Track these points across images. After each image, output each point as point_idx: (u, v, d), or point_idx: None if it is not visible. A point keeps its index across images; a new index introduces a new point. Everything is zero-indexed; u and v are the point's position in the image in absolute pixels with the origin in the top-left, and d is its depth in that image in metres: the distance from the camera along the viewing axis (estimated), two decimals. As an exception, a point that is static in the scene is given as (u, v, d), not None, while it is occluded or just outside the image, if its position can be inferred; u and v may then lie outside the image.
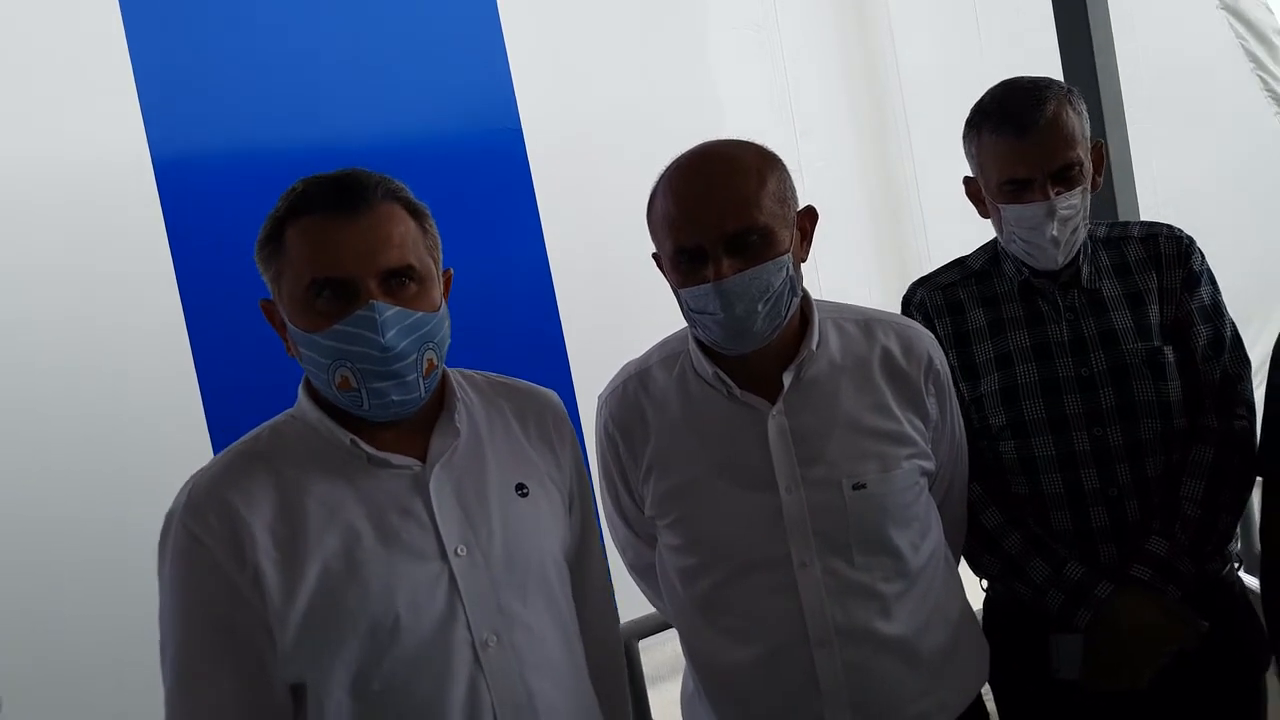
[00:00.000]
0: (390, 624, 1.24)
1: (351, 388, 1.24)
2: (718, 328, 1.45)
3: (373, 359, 1.22)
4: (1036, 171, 1.66)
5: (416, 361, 1.25)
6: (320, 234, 1.23)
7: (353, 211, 1.24)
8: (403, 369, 1.24)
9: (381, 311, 1.21)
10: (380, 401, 1.25)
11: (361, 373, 1.23)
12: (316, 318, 1.23)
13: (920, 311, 1.82)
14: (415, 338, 1.25)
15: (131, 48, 2.48)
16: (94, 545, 2.33)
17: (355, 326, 1.21)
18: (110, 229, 2.44)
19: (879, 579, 1.48)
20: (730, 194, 1.42)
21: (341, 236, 1.23)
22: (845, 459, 1.48)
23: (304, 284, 1.24)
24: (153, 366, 2.47)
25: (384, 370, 1.23)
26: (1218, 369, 1.71)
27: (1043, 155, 1.65)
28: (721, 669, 1.54)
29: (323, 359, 1.24)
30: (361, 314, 1.21)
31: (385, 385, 1.24)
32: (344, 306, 1.22)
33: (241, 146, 2.62)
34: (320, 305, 1.23)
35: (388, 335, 1.21)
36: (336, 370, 1.24)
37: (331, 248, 1.23)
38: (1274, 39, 3.48)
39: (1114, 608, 1.62)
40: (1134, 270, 1.75)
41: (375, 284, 1.23)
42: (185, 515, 1.25)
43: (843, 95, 3.88)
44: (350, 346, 1.22)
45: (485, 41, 3.01)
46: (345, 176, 1.27)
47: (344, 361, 1.23)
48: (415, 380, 1.26)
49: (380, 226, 1.25)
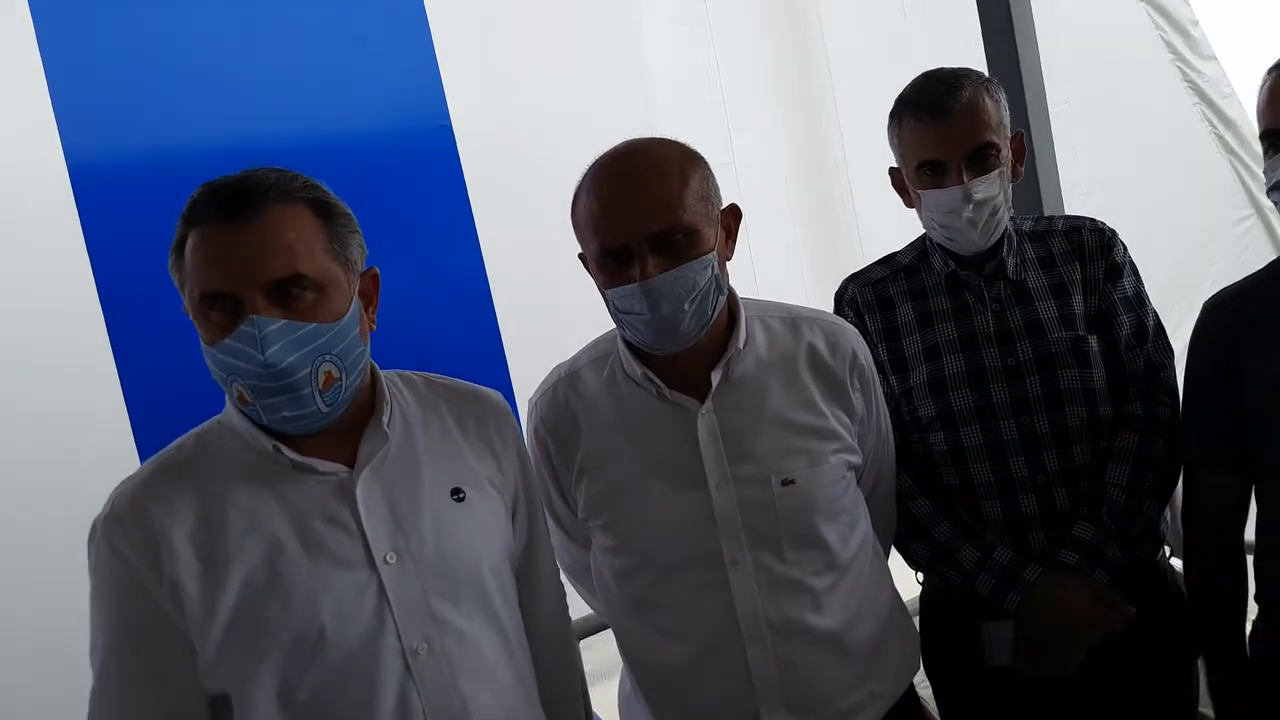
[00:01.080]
0: (315, 635, 1.22)
1: (248, 402, 1.22)
2: (645, 328, 1.44)
3: (258, 374, 1.18)
4: (952, 155, 1.68)
5: (310, 376, 1.20)
6: (206, 245, 1.19)
7: (235, 220, 1.18)
8: (293, 384, 1.19)
9: (262, 327, 1.16)
10: (274, 418, 1.22)
11: (251, 389, 1.20)
12: (211, 330, 1.20)
13: (851, 307, 1.84)
14: (306, 351, 1.19)
15: (42, 47, 2.40)
16: (14, 560, 2.27)
17: (238, 342, 1.17)
18: (24, 235, 2.36)
19: (809, 573, 1.49)
20: (654, 193, 1.41)
21: (225, 247, 1.19)
22: (774, 456, 1.49)
23: (196, 297, 1.20)
24: (75, 376, 2.41)
25: (270, 386, 1.19)
26: (1141, 357, 1.74)
27: (958, 139, 1.67)
28: (657, 667, 1.54)
29: (221, 372, 1.22)
30: (243, 329, 1.17)
31: (275, 401, 1.20)
32: (231, 321, 1.18)
33: (161, 146, 2.54)
34: (214, 319, 1.20)
35: (268, 351, 1.16)
36: (232, 385, 1.21)
37: (215, 260, 1.19)
38: (1191, 31, 3.56)
39: (1041, 592, 1.64)
40: (1058, 262, 1.77)
41: (261, 297, 1.18)
42: (106, 527, 1.24)
43: (775, 91, 3.89)
44: (236, 362, 1.18)
45: (413, 37, 2.96)
46: (238, 182, 1.22)
47: (235, 377, 1.20)
48: (309, 395, 1.21)
49: (265, 234, 1.19)
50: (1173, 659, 1.75)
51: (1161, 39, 3.51)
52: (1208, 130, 3.65)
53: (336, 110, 2.81)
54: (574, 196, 1.50)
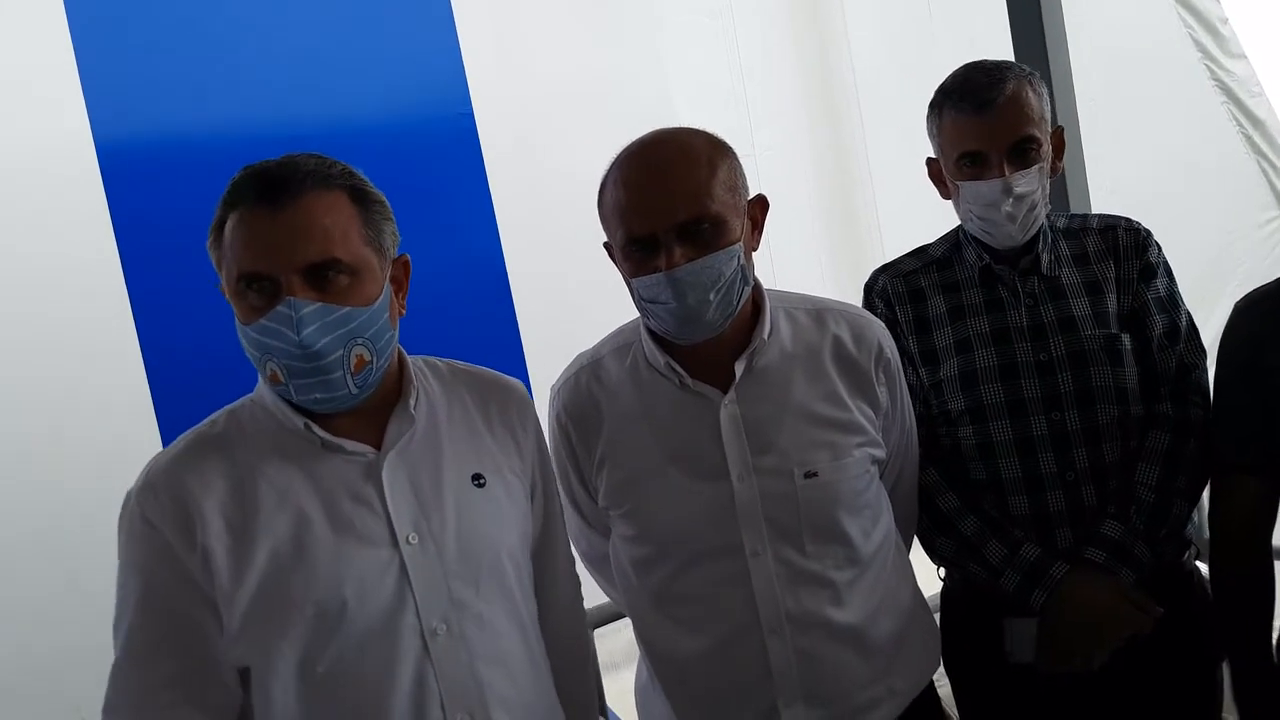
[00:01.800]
0: (337, 609, 1.24)
1: (280, 382, 1.24)
2: (670, 317, 1.44)
3: (292, 355, 1.21)
4: (994, 147, 1.67)
5: (342, 358, 1.23)
6: (246, 227, 1.23)
7: (275, 204, 1.22)
8: (325, 366, 1.22)
9: (298, 309, 1.20)
10: (306, 398, 1.25)
11: (285, 369, 1.22)
12: (247, 311, 1.23)
13: (882, 298, 1.83)
14: (339, 334, 1.22)
15: (73, 29, 2.42)
16: (37, 539, 2.28)
17: (274, 323, 1.20)
18: (53, 218, 2.38)
19: (830, 567, 1.49)
20: (682, 183, 1.41)
21: (264, 230, 1.22)
22: (797, 448, 1.48)
23: (234, 277, 1.23)
24: (99, 359, 2.43)
25: (304, 368, 1.22)
26: (1173, 358, 1.73)
27: (1000, 131, 1.67)
28: (675, 658, 1.54)
29: (255, 352, 1.25)
30: (279, 310, 1.20)
31: (308, 383, 1.23)
32: (268, 301, 1.21)
33: (187, 130, 2.56)
34: (250, 299, 1.23)
35: (304, 333, 1.20)
36: (266, 364, 1.24)
37: (254, 242, 1.22)
38: (1220, 28, 3.52)
39: (1068, 589, 1.63)
40: (1092, 260, 1.77)
41: (297, 279, 1.21)
42: (140, 497, 1.26)
43: (797, 83, 3.88)
44: (272, 342, 1.21)
45: (437, 27, 2.96)
46: (278, 166, 1.25)
47: (270, 356, 1.22)
48: (341, 378, 1.24)
49: (303, 219, 1.22)
50: (1197, 663, 1.74)
51: (1190, 37, 3.47)
52: (1235, 129, 3.62)
53: (359, 97, 2.82)
54: (601, 185, 1.50)
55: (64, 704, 2.16)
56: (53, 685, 2.16)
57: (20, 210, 2.36)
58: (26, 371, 2.33)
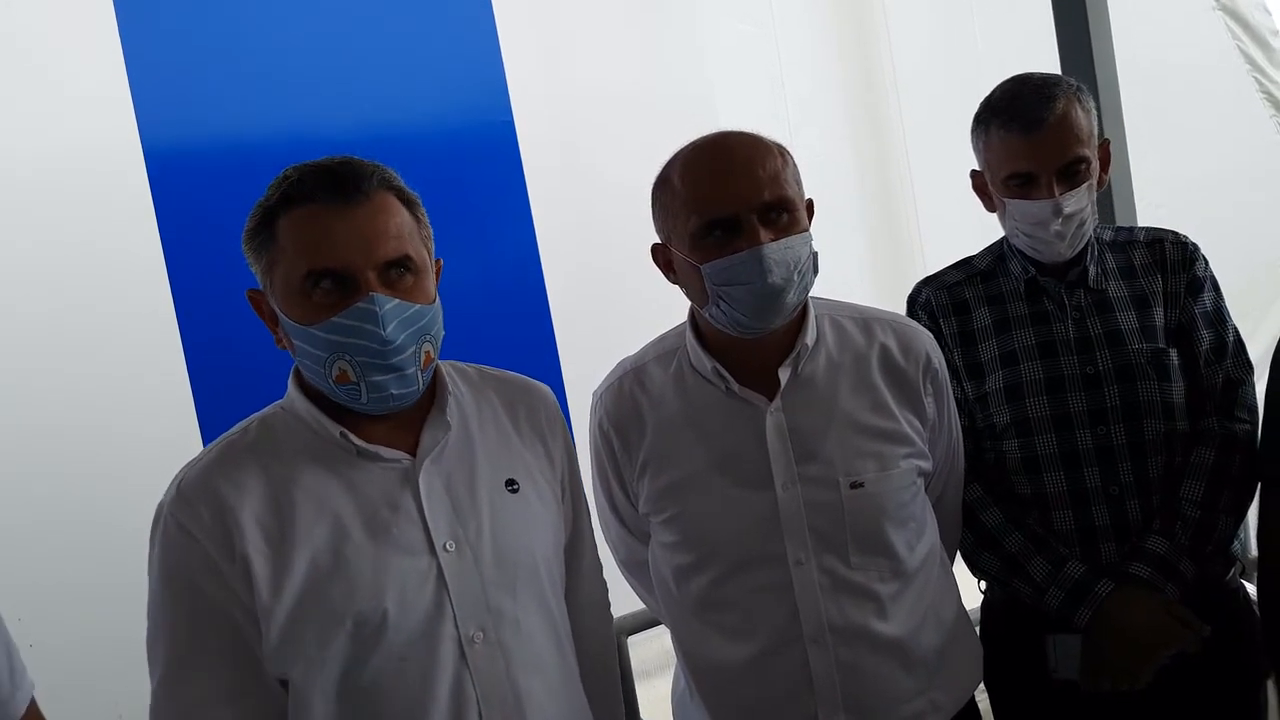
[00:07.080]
0: (378, 620, 1.22)
1: (350, 381, 1.22)
2: (751, 298, 1.43)
3: (373, 352, 1.21)
4: (1043, 168, 1.65)
5: (415, 354, 1.24)
6: (316, 224, 1.21)
7: (349, 201, 1.21)
8: (402, 362, 1.23)
9: (382, 304, 1.20)
10: (379, 395, 1.24)
11: (361, 365, 1.21)
12: (313, 310, 1.21)
13: (926, 311, 1.82)
14: (414, 330, 1.23)
15: (123, 34, 2.45)
16: (82, 539, 2.31)
17: (355, 319, 1.20)
18: (100, 217, 2.42)
19: (875, 579, 1.48)
20: (763, 168, 1.43)
21: (339, 226, 1.21)
22: (843, 457, 1.47)
23: (299, 275, 1.21)
24: (142, 357, 2.45)
25: (385, 364, 1.21)
26: (1220, 373, 1.71)
27: (1050, 152, 1.65)
28: (715, 667, 1.53)
29: (320, 352, 1.22)
30: (361, 306, 1.20)
31: (385, 379, 1.22)
32: (342, 298, 1.21)
33: (232, 135, 2.59)
34: (317, 297, 1.21)
35: (389, 328, 1.20)
36: (334, 363, 1.22)
37: (329, 238, 1.20)
38: (1271, 41, 3.47)
39: (1113, 606, 1.61)
40: (1139, 274, 1.75)
41: (375, 275, 1.21)
42: (175, 507, 1.24)
43: (838, 91, 3.87)
44: (349, 339, 1.20)
45: (478, 34, 2.98)
46: (340, 165, 1.24)
47: (343, 354, 1.21)
48: (414, 373, 1.25)
49: (378, 216, 1.23)
50: (1242, 681, 1.71)
51: (1239, 49, 3.43)
52: (1284, 143, 3.57)
53: (401, 103, 2.85)
54: (659, 181, 1.50)
55: (105, 706, 2.18)
56: (94, 686, 2.17)
57: (68, 210, 2.39)
58: (73, 367, 2.36)
